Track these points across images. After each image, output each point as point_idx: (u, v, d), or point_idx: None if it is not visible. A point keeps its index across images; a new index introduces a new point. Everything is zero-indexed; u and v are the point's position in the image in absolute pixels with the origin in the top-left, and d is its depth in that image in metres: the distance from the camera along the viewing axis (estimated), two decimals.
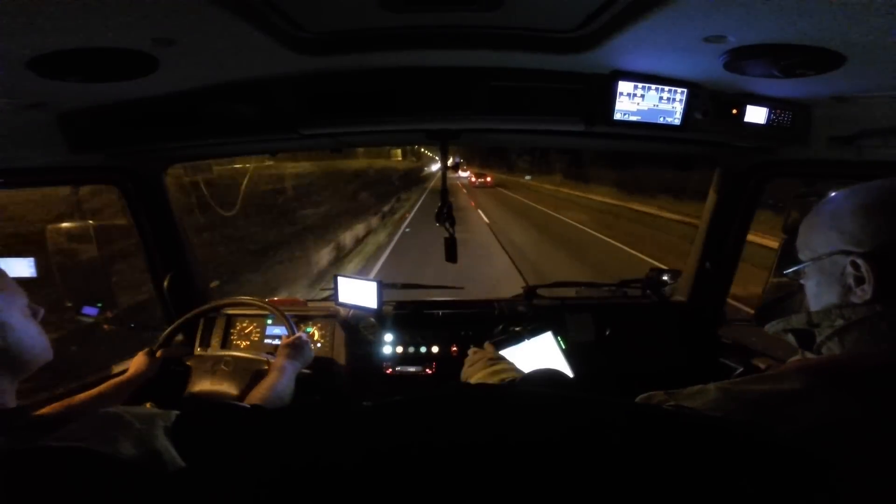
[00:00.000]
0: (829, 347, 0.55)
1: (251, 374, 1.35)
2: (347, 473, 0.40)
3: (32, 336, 0.76)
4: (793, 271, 0.63)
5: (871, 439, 0.42)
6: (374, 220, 13.82)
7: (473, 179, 32.65)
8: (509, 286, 2.00)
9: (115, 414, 0.56)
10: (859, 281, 0.52)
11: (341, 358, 1.67)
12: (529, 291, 1.86)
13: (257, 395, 1.09)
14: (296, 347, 1.30)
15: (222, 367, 1.38)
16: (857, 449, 0.41)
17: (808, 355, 0.58)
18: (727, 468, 0.39)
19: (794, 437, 0.42)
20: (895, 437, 0.41)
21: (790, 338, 0.61)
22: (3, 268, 0.77)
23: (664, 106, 1.06)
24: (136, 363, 1.34)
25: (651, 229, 12.39)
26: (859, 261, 0.51)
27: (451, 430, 0.42)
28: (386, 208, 16.67)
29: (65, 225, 1.47)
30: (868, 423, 0.43)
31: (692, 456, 0.39)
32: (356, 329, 1.71)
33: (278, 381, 1.15)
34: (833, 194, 0.59)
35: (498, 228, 12.68)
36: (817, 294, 0.59)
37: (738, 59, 0.82)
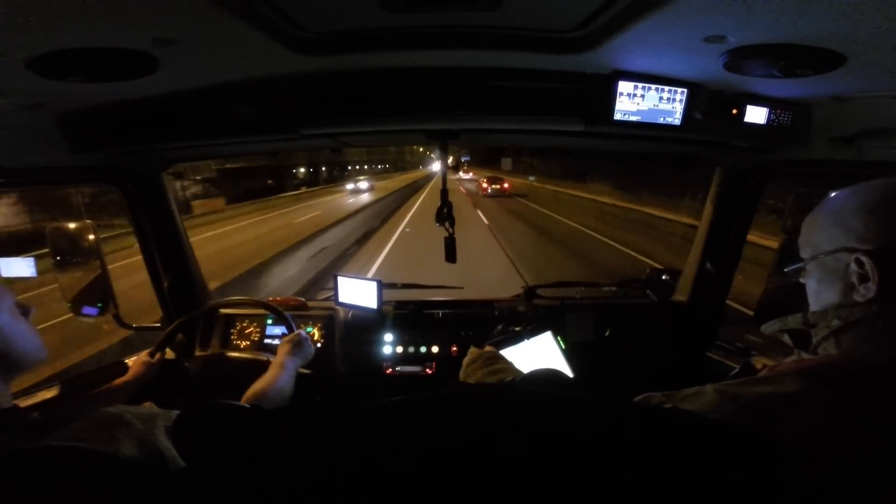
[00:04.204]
0: (825, 348, 0.55)
1: (251, 374, 1.35)
2: (347, 475, 0.40)
3: (22, 335, 0.74)
4: (794, 269, 0.63)
5: (868, 442, 0.42)
6: None
7: (485, 185, 23.66)
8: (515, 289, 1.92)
9: (115, 414, 0.56)
10: (863, 279, 0.52)
11: (341, 358, 1.67)
12: (529, 291, 1.86)
13: (258, 389, 1.09)
14: (296, 344, 1.29)
15: (222, 367, 1.38)
16: (854, 452, 0.41)
17: (805, 355, 0.58)
18: (724, 470, 0.39)
19: (792, 439, 0.42)
20: (892, 441, 0.41)
21: (786, 338, 0.61)
22: (4, 267, 0.76)
23: (664, 106, 1.06)
24: (136, 363, 1.35)
25: None
26: (864, 258, 0.51)
27: (451, 432, 0.42)
28: None
29: (65, 224, 1.47)
30: (865, 427, 0.43)
31: (689, 458, 0.39)
32: (356, 329, 1.71)
33: (279, 378, 1.14)
34: (835, 192, 0.59)
35: None
36: (818, 293, 0.59)
37: (738, 59, 0.82)
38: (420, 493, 0.38)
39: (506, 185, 23.41)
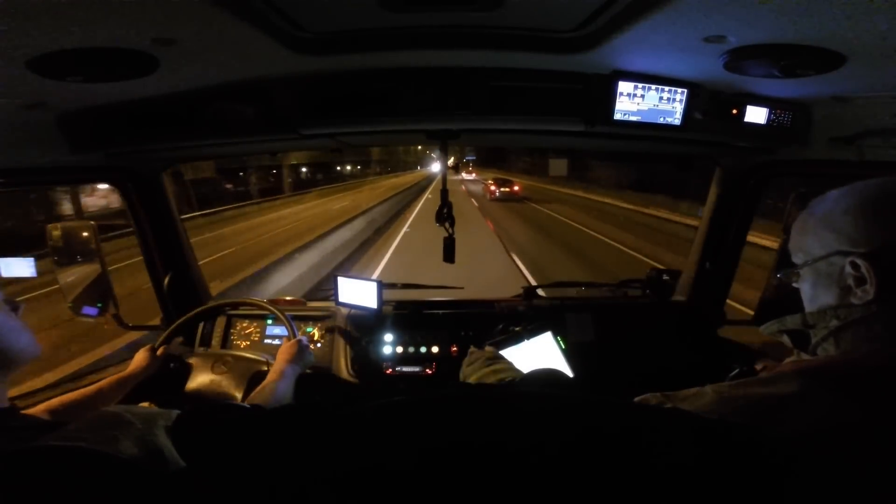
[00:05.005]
0: (824, 348, 0.55)
1: (250, 374, 1.35)
2: (348, 475, 0.40)
3: (15, 330, 0.72)
4: (786, 274, 0.63)
5: (869, 443, 0.42)
6: None
7: (493, 188, 21.27)
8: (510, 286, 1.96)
9: (115, 413, 0.56)
10: (860, 281, 0.51)
11: (341, 358, 1.67)
12: (529, 291, 1.86)
13: (256, 398, 1.09)
14: (296, 351, 1.30)
15: (222, 366, 1.38)
16: (854, 452, 0.41)
17: (804, 356, 0.58)
18: (724, 471, 0.39)
19: (792, 440, 0.42)
20: (891, 440, 0.41)
21: (785, 338, 0.61)
22: (4, 267, 0.76)
23: (664, 106, 1.06)
24: (136, 361, 1.34)
25: None
26: (859, 261, 0.51)
27: (453, 431, 0.42)
28: None
29: (65, 224, 1.47)
30: (865, 427, 0.43)
31: (689, 459, 0.39)
32: (356, 329, 1.71)
33: (278, 386, 1.14)
34: (823, 196, 0.59)
35: None
36: (813, 296, 0.58)
37: (738, 59, 0.82)
38: (421, 493, 0.38)
39: (516, 188, 21.00)
